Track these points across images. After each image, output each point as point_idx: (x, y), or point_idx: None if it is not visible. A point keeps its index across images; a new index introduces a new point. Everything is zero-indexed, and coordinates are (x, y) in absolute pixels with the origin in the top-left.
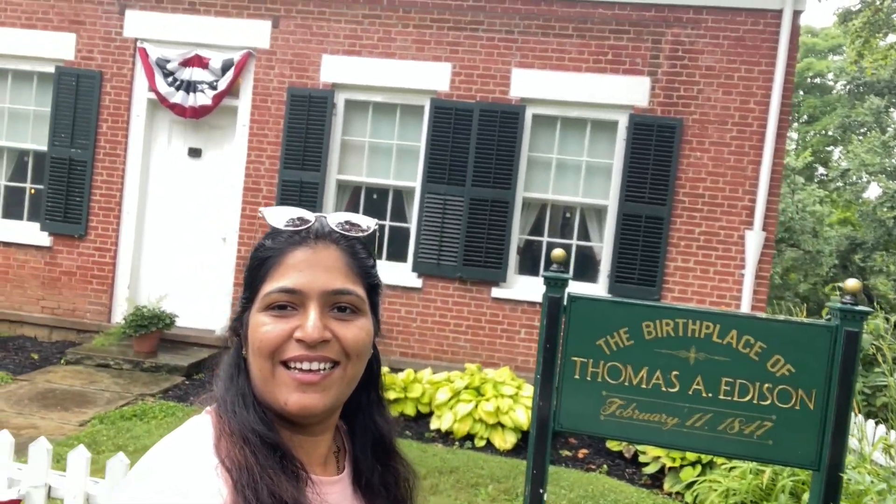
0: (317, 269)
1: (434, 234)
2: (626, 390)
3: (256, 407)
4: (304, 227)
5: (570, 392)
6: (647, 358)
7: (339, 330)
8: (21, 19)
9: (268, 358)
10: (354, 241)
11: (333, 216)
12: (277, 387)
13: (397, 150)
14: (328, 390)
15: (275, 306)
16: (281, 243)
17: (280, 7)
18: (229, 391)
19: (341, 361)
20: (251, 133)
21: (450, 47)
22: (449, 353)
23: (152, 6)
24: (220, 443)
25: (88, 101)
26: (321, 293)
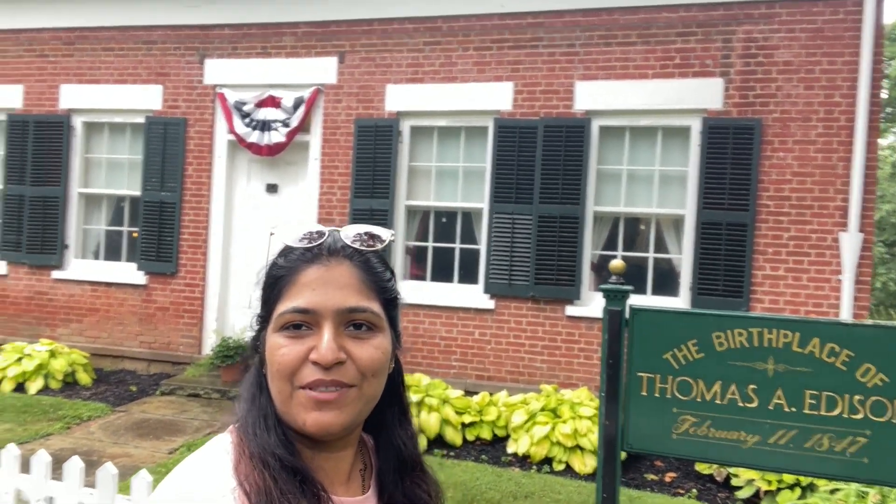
0: (330, 287)
1: (504, 254)
2: (699, 406)
3: (278, 428)
4: (317, 244)
5: (637, 410)
6: (720, 371)
7: (355, 350)
8: (114, 76)
9: (286, 381)
10: (369, 254)
11: (347, 229)
12: (296, 407)
13: (463, 173)
14: (345, 408)
15: (289, 326)
16: (293, 261)
17: (345, 43)
18: (251, 412)
19: (357, 384)
20: (322, 165)
21: (511, 66)
22: (525, 375)
23: (228, 53)
24: (240, 465)
25: (175, 146)
26: (335, 312)
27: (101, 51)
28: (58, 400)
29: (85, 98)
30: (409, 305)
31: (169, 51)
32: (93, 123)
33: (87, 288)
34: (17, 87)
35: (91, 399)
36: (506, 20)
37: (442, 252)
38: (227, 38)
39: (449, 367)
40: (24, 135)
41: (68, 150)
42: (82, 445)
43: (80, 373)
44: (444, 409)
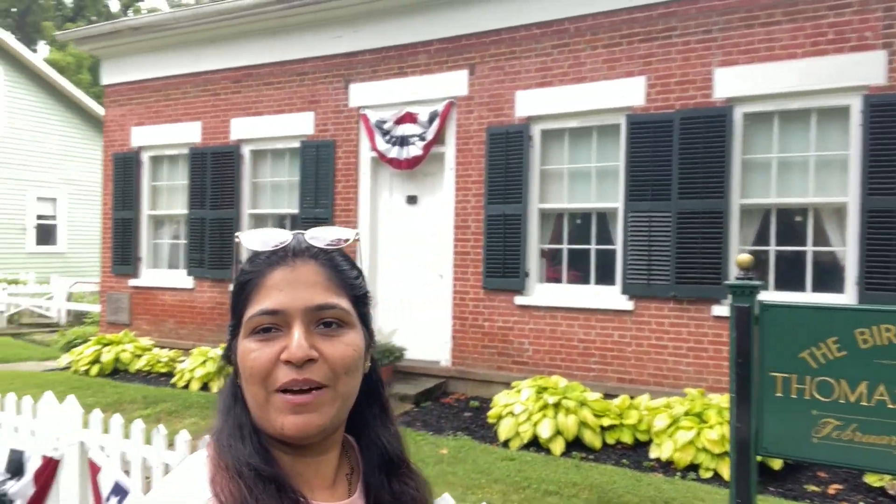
0: (297, 287)
1: (641, 254)
2: (843, 408)
3: (253, 438)
4: (281, 247)
5: (772, 412)
6: (866, 370)
7: (326, 349)
8: (273, 107)
9: (260, 384)
10: (334, 253)
11: (311, 231)
12: (272, 412)
13: (596, 173)
14: (321, 410)
15: (259, 330)
16: (259, 265)
17: (475, 55)
18: (226, 422)
19: (330, 384)
20: (457, 175)
21: (642, 60)
22: (670, 378)
23: (369, 77)
24: (216, 477)
25: (326, 166)
26: (304, 310)
27: (262, 85)
28: None
29: (251, 129)
30: (545, 308)
31: (319, 79)
32: (258, 151)
33: None
34: (197, 124)
35: None
36: (634, 14)
37: (577, 254)
38: (368, 63)
39: (588, 369)
40: (203, 165)
41: (239, 176)
42: None
43: None
44: (582, 412)
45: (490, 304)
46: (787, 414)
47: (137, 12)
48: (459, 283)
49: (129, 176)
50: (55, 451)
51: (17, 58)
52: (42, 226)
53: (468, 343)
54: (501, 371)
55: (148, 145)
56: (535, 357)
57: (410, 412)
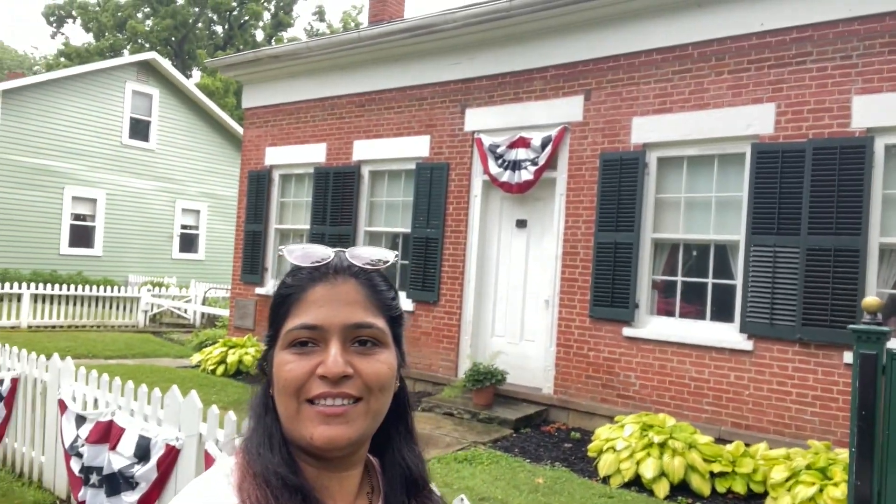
0: (336, 304)
1: (764, 291)
2: None
3: (282, 448)
4: (324, 263)
5: None
6: None
7: (361, 365)
8: (393, 131)
9: (293, 396)
10: (374, 273)
11: (352, 250)
12: (303, 422)
13: (716, 203)
14: (353, 423)
15: (297, 343)
16: (301, 280)
17: (591, 80)
18: (256, 431)
19: (364, 397)
20: (567, 200)
21: (772, 86)
22: (791, 428)
23: (485, 102)
24: (244, 483)
25: (439, 188)
26: (342, 328)
27: (383, 110)
28: None
29: (370, 150)
30: (655, 341)
31: (436, 104)
32: (376, 171)
33: None
34: (322, 145)
35: None
36: (765, 38)
37: (692, 287)
38: (483, 89)
39: (700, 410)
40: (325, 184)
41: (358, 195)
42: None
43: None
44: (690, 455)
45: (596, 334)
46: None
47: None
48: (566, 310)
49: (260, 192)
50: (177, 441)
51: (172, 82)
52: (185, 235)
53: (572, 372)
54: (605, 404)
55: (278, 164)
56: (642, 392)
57: (509, 437)
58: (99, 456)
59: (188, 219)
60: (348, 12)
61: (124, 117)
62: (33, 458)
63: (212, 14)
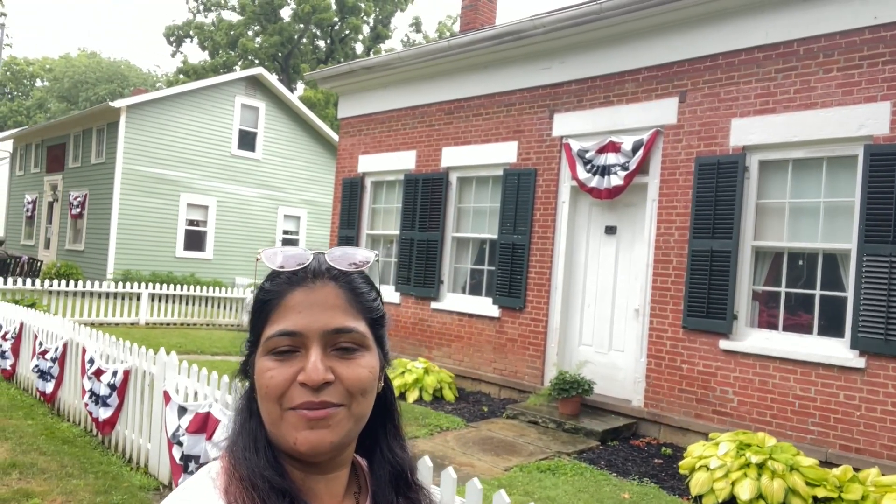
0: (316, 309)
1: (879, 304)
2: None
3: (267, 451)
4: (301, 267)
5: None
6: None
7: (342, 370)
8: (481, 136)
9: (275, 402)
10: (354, 275)
11: (331, 252)
12: (286, 428)
13: (825, 209)
14: (335, 427)
15: (277, 350)
16: (279, 285)
17: (686, 81)
18: (241, 435)
19: (345, 403)
20: (660, 206)
21: (887, 84)
22: None
23: (574, 106)
24: (231, 487)
25: (526, 194)
26: (321, 333)
27: (472, 116)
28: (426, 410)
29: (459, 157)
30: (755, 356)
31: (524, 110)
32: (464, 178)
33: (454, 317)
34: (412, 152)
35: (451, 413)
36: (879, 32)
37: (797, 298)
38: (573, 93)
39: (805, 431)
40: (415, 190)
41: (446, 201)
42: (438, 450)
43: (446, 390)
44: (792, 477)
45: (690, 346)
46: None
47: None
48: (657, 320)
49: (353, 198)
50: None
51: (277, 95)
52: (287, 239)
53: (663, 385)
54: (699, 420)
55: (370, 171)
56: (741, 409)
57: (595, 449)
58: (197, 445)
59: (289, 224)
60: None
61: (233, 129)
62: (140, 445)
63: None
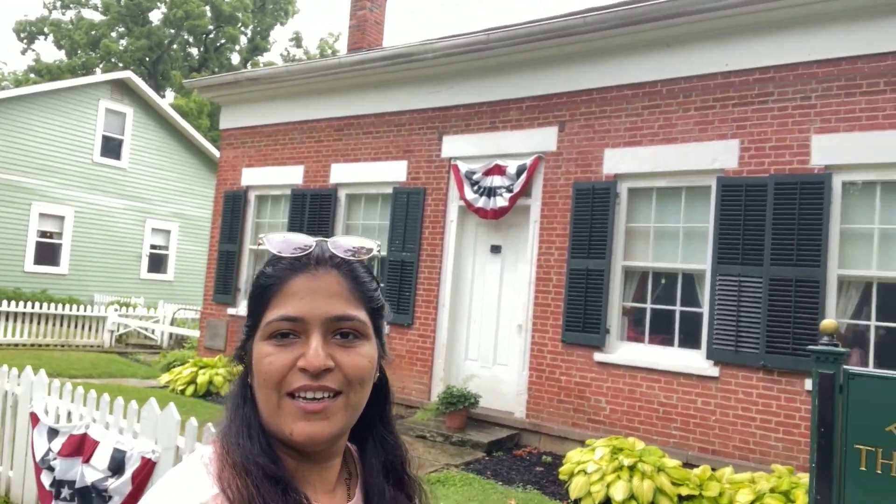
0: (318, 296)
1: (729, 319)
2: None
3: (261, 438)
4: (305, 254)
5: (855, 486)
6: None
7: (341, 358)
8: (370, 155)
9: (273, 389)
10: (356, 264)
11: (334, 240)
12: (283, 417)
13: (684, 233)
14: (333, 418)
15: (277, 334)
16: (281, 270)
17: (566, 113)
18: (234, 421)
19: (343, 391)
20: (541, 227)
21: (736, 123)
22: (756, 453)
23: (462, 129)
24: (224, 472)
25: (415, 212)
26: (323, 320)
27: (362, 134)
28: None
29: (348, 174)
30: (625, 367)
31: (414, 131)
32: (353, 195)
33: None
34: (300, 168)
35: None
36: (730, 78)
37: (661, 314)
38: (461, 117)
39: (668, 435)
40: (302, 205)
41: (334, 217)
42: None
43: None
44: (659, 478)
45: (568, 359)
46: (872, 490)
47: (255, 65)
48: (538, 334)
49: (236, 212)
50: (153, 454)
51: (147, 101)
52: (154, 255)
53: (544, 396)
54: (576, 428)
55: (255, 185)
56: (613, 417)
57: (481, 460)
58: (71, 469)
59: (158, 238)
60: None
61: (97, 135)
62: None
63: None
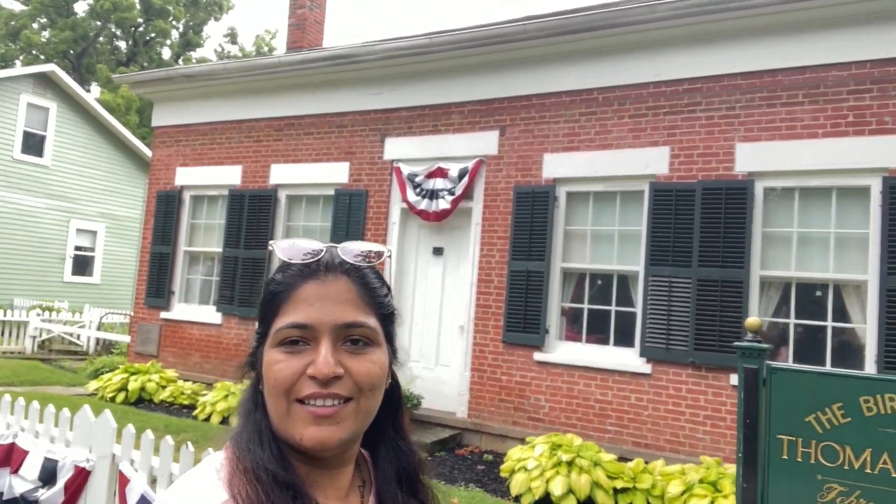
0: (327, 303)
1: (661, 318)
2: (847, 475)
3: (272, 444)
4: (314, 260)
5: (778, 474)
6: (870, 438)
7: (352, 365)
8: (311, 156)
9: (283, 396)
10: (366, 270)
11: (344, 246)
12: (293, 423)
13: (619, 236)
14: (343, 423)
15: (287, 342)
16: (291, 277)
17: (506, 118)
18: (246, 427)
19: (354, 397)
20: (482, 230)
21: (667, 131)
22: (686, 446)
23: (404, 132)
24: (234, 479)
25: (358, 214)
26: (332, 327)
27: (302, 135)
28: None
29: (288, 175)
30: (564, 366)
31: (356, 132)
32: (293, 196)
33: None
34: (238, 168)
35: None
36: (661, 87)
37: (597, 314)
38: (403, 120)
39: (604, 430)
40: (240, 206)
41: (274, 218)
42: None
43: None
44: (596, 472)
45: (509, 359)
46: (793, 477)
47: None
48: (480, 335)
49: (169, 213)
50: (87, 462)
51: (73, 96)
52: (80, 257)
53: (485, 396)
54: (517, 426)
55: (190, 185)
56: (551, 414)
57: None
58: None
59: (83, 239)
60: (262, 37)
61: (17, 131)
62: None
63: (115, 29)
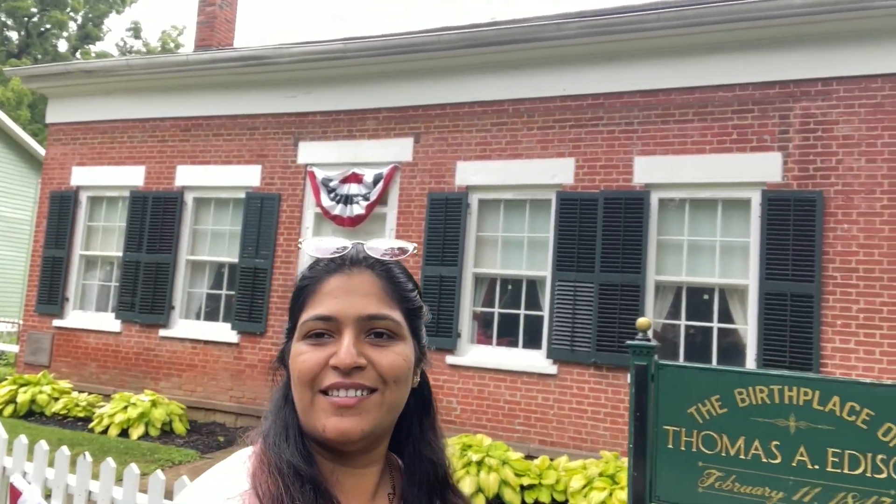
0: (351, 295)
1: (566, 321)
2: (724, 461)
3: (297, 439)
4: (340, 255)
5: (664, 462)
6: (744, 427)
7: (375, 356)
8: (221, 158)
9: (307, 386)
10: (392, 265)
11: (370, 242)
12: (316, 413)
13: (528, 242)
14: (366, 414)
15: (312, 334)
16: (318, 272)
17: (421, 125)
18: (275, 423)
19: (378, 388)
20: (397, 235)
21: (572, 143)
22: (588, 442)
23: (318, 137)
24: (258, 471)
25: (270, 218)
26: (356, 319)
27: (211, 136)
28: (155, 445)
29: (196, 177)
30: (475, 368)
31: (269, 135)
32: (201, 199)
33: (187, 345)
34: (140, 168)
35: (184, 446)
36: (567, 102)
37: (507, 318)
38: (318, 124)
39: (513, 430)
40: (143, 209)
41: (180, 222)
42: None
43: (177, 422)
44: (504, 471)
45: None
46: (678, 464)
47: (86, 55)
48: None
49: (64, 214)
50: None
51: None
52: None
53: None
54: None
55: (87, 185)
56: (463, 416)
57: None
58: None
59: None
60: (168, 32)
61: None
62: None
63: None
